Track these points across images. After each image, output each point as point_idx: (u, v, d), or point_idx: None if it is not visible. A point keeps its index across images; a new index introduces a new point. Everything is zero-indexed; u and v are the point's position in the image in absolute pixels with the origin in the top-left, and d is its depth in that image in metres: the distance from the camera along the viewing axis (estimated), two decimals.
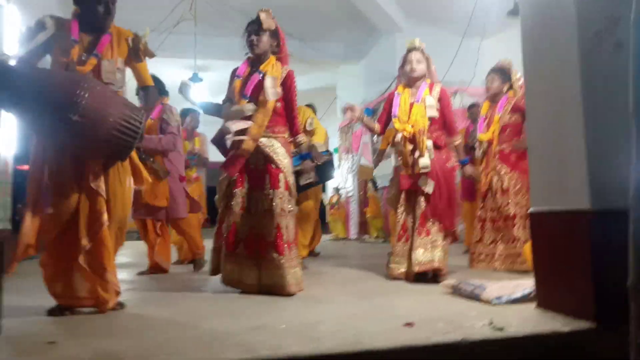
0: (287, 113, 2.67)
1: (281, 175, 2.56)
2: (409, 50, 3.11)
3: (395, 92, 3.16)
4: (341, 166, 10.19)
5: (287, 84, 2.64)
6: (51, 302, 2.13)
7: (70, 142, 2.01)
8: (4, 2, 3.99)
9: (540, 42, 2.08)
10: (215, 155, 4.94)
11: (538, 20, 2.09)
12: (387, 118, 3.20)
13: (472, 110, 4.93)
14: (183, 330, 1.82)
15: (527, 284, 2.12)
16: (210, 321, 1.97)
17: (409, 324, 1.76)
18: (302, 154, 2.82)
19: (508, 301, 2.05)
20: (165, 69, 6.97)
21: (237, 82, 2.64)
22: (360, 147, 8.62)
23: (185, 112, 4.84)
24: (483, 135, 3.61)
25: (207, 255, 3.05)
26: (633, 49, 1.39)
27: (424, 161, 2.90)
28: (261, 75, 2.59)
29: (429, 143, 2.94)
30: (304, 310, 2.15)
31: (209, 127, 4.30)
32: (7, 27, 4.04)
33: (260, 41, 2.60)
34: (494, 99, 3.65)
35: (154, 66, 2.50)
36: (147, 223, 3.70)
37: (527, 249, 2.52)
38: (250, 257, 2.54)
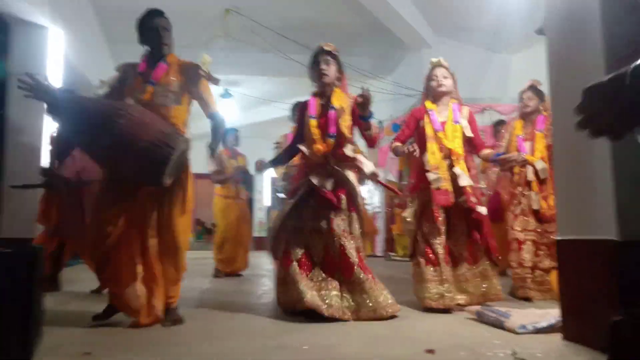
0: (362, 132, 2.74)
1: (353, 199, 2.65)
2: (434, 67, 3.11)
3: (428, 109, 3.04)
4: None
5: (355, 111, 2.69)
6: (89, 310, 2.24)
7: (109, 163, 2.20)
8: (50, 23, 4.22)
9: (566, 66, 2.06)
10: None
11: (564, 45, 2.07)
12: (409, 135, 3.11)
13: (498, 128, 4.86)
14: (206, 348, 1.87)
15: (553, 313, 2.07)
16: (238, 338, 2.02)
17: (430, 351, 1.76)
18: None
19: (533, 330, 2.02)
20: None
21: (314, 122, 2.68)
22: (388, 163, 8.61)
23: (225, 132, 5.03)
24: (531, 156, 3.35)
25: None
26: None
27: (466, 179, 2.88)
28: (334, 110, 2.67)
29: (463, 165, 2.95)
30: (327, 331, 2.18)
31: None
32: (52, 49, 4.27)
33: (330, 71, 2.71)
34: (528, 117, 3.56)
35: None
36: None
37: (554, 277, 2.47)
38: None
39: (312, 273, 2.53)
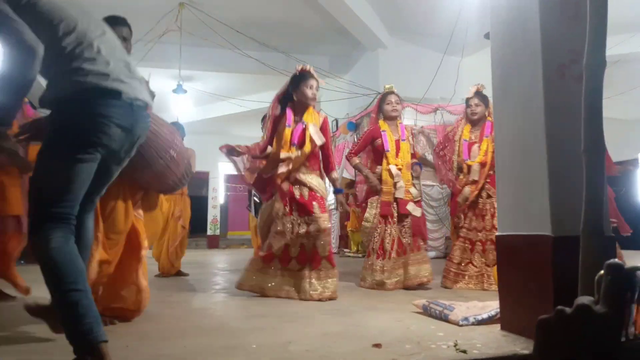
0: (324, 152, 3.26)
1: (323, 202, 3.15)
2: (388, 93, 3.70)
3: (381, 130, 3.67)
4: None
5: (324, 129, 3.24)
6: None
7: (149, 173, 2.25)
8: None
9: (508, 70, 2.17)
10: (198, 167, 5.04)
11: (507, 50, 2.18)
12: (361, 149, 3.77)
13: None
14: (156, 348, 1.83)
15: (494, 305, 2.18)
16: (184, 339, 1.99)
17: (377, 345, 1.81)
18: (335, 189, 3.43)
19: (474, 322, 2.11)
20: (150, 78, 7.02)
21: (288, 131, 3.12)
22: (343, 161, 8.69)
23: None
24: (475, 160, 3.58)
25: None
26: (585, 90, 1.47)
27: (415, 191, 3.69)
28: (304, 124, 3.14)
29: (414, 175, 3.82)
30: (279, 329, 2.18)
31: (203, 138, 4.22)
32: None
33: (316, 96, 3.25)
34: (475, 123, 3.71)
35: None
36: None
37: (496, 271, 2.59)
38: (301, 270, 3.09)
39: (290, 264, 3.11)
